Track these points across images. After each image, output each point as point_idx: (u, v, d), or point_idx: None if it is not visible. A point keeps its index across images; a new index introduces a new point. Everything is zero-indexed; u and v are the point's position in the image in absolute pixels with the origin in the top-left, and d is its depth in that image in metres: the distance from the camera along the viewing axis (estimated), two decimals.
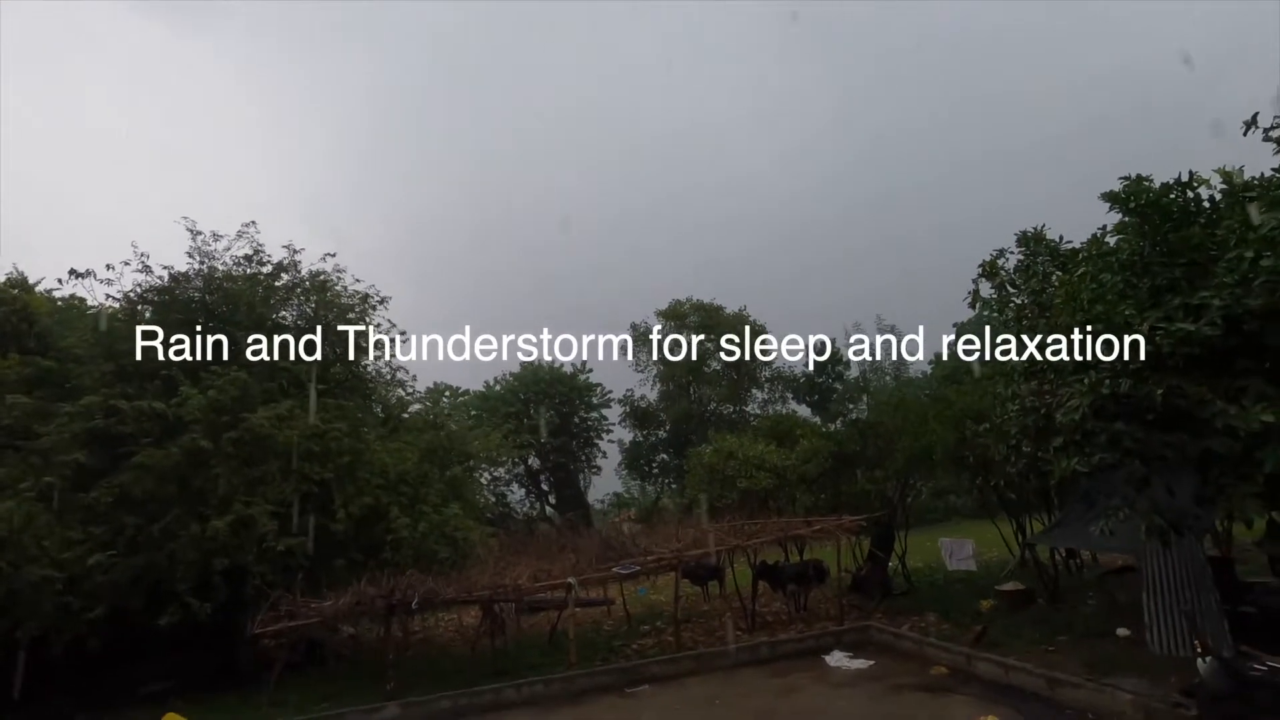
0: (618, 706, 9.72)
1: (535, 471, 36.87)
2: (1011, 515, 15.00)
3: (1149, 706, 6.68)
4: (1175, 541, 8.66)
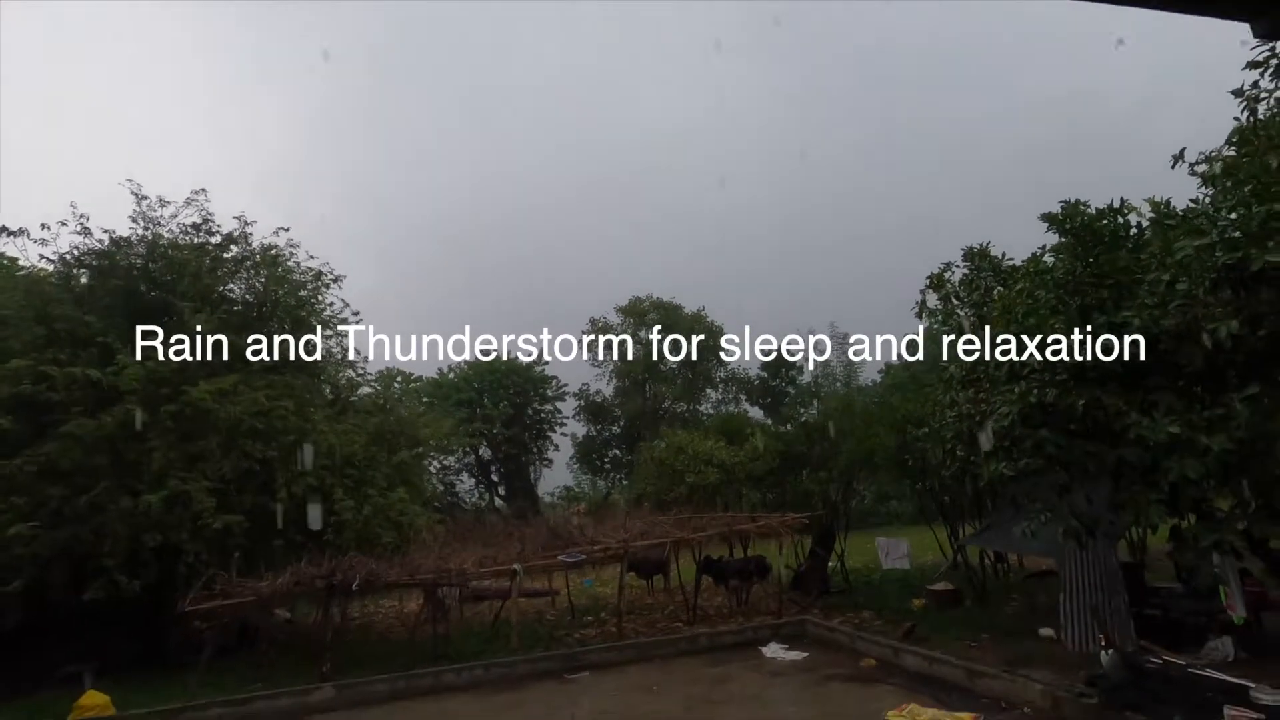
0: (557, 691, 9.81)
1: (486, 462, 36.58)
2: (946, 520, 15.66)
3: (1056, 695, 7.13)
4: (1090, 545, 9.24)
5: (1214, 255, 6.51)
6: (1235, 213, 6.84)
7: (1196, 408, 6.87)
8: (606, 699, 9.36)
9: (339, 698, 9.81)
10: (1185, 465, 6.65)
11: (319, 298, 15.49)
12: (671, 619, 14.26)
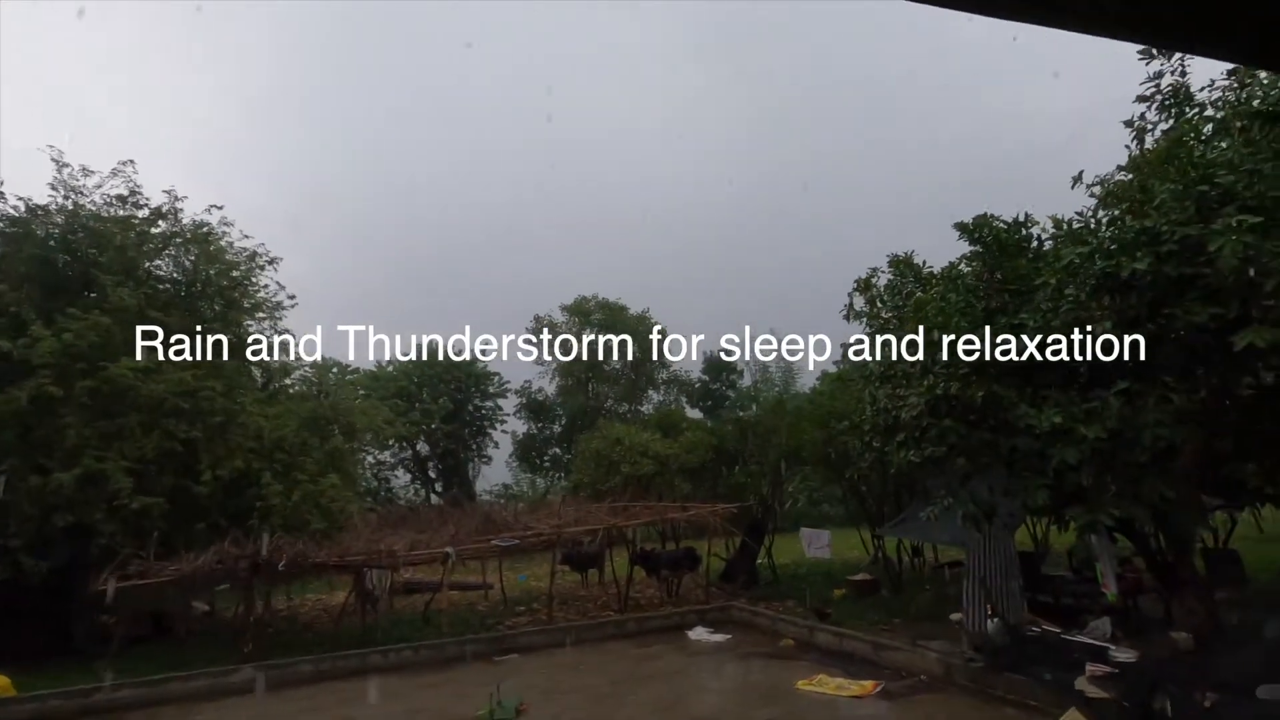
0: (485, 671, 9.93)
1: (423, 458, 35.97)
2: (869, 518, 16.46)
3: (949, 663, 7.75)
4: (990, 534, 10.00)
5: (1094, 263, 7.23)
6: (1113, 227, 7.61)
7: (1077, 400, 7.58)
8: (534, 677, 9.56)
9: (261, 678, 9.67)
10: (1066, 452, 7.34)
11: (252, 279, 15.13)
12: (604, 608, 14.53)
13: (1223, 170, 7.15)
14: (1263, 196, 6.92)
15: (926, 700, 7.41)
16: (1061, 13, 1.15)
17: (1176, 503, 7.53)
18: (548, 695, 8.69)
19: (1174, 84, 10.02)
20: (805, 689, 8.05)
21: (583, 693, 8.70)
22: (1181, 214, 6.95)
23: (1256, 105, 7.67)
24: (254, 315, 15.28)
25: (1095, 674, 6.39)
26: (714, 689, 8.67)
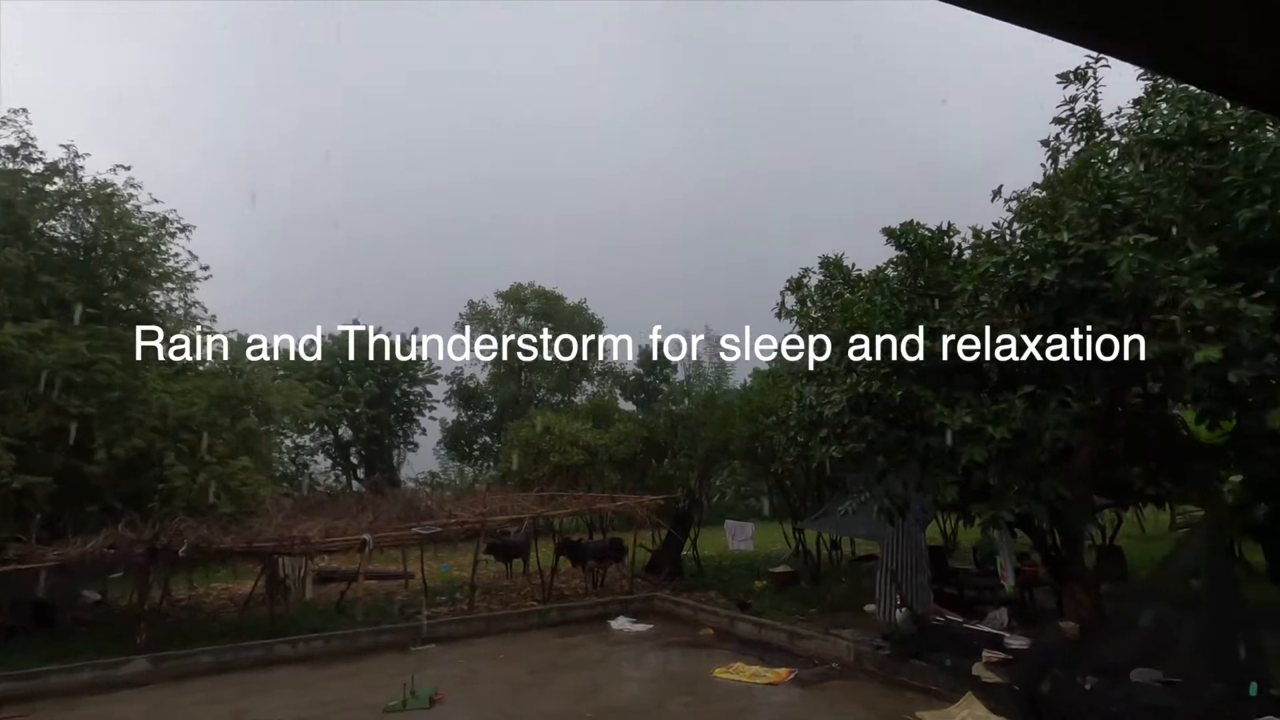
0: (400, 661, 9.67)
1: (345, 443, 34.69)
2: (792, 512, 16.92)
3: (859, 650, 8.06)
4: (903, 528, 10.44)
5: (1008, 272, 7.62)
6: (1026, 240, 8.04)
7: (987, 402, 7.99)
8: (451, 666, 9.38)
9: (155, 670, 9.11)
10: (975, 451, 7.73)
11: (161, 247, 14.16)
12: (527, 598, 14.39)
13: (1124, 192, 7.67)
14: (1158, 219, 7.45)
15: (836, 686, 7.68)
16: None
17: (1071, 501, 8.05)
18: (465, 685, 8.54)
19: (1086, 109, 10.67)
20: (722, 677, 8.21)
21: (501, 682, 8.59)
22: (1087, 230, 7.40)
23: (1156, 134, 8.23)
24: (162, 285, 14.32)
25: (991, 660, 6.78)
26: (633, 677, 8.72)
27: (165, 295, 14.74)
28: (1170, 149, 7.90)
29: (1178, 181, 7.62)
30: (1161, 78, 8.81)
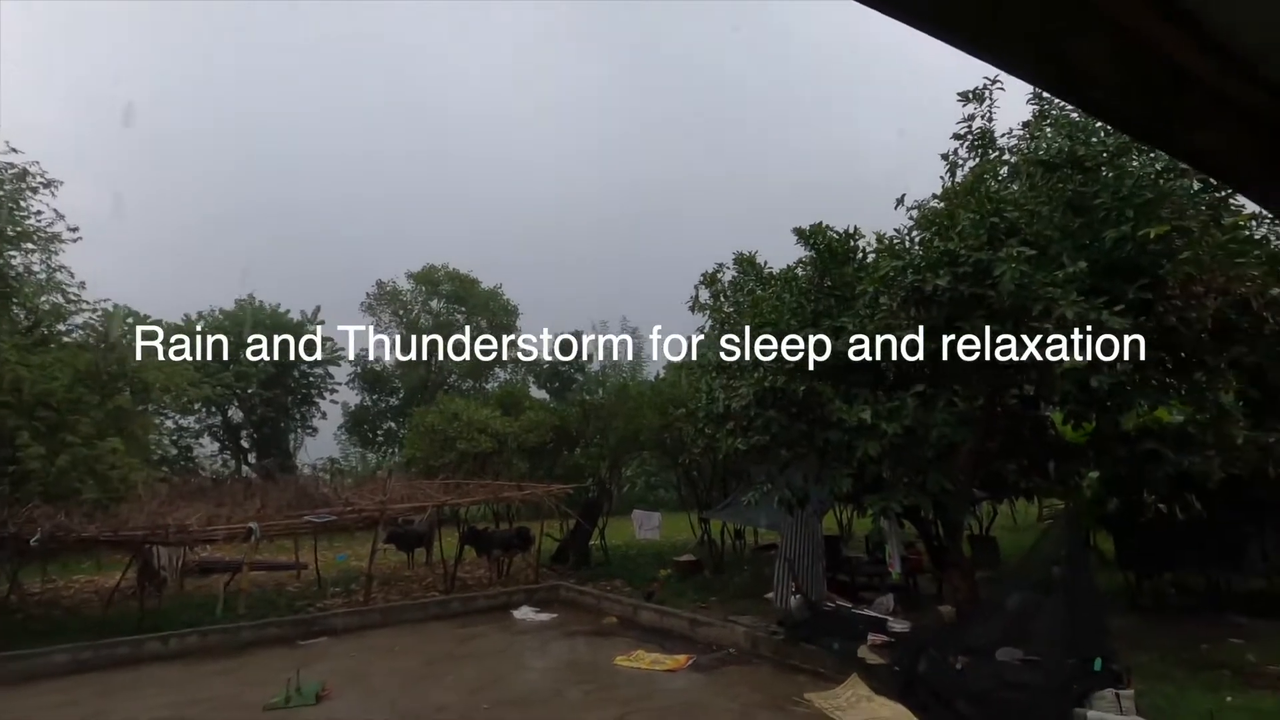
0: (285, 656, 9.17)
1: (236, 425, 32.52)
2: (699, 502, 17.26)
3: (755, 635, 8.33)
4: (801, 518, 10.84)
5: (906, 276, 8.02)
6: (924, 246, 8.49)
7: (883, 399, 8.39)
8: (341, 660, 8.98)
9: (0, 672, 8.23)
10: (869, 446, 8.11)
11: (20, 202, 12.73)
12: (429, 589, 13.99)
13: (1010, 207, 8.22)
14: (1039, 234, 8.03)
15: (732, 671, 7.90)
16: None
17: (953, 494, 8.61)
18: (356, 679, 8.20)
19: (982, 128, 11.37)
20: (622, 664, 8.27)
21: (395, 675, 8.30)
22: (976, 241, 7.89)
23: (1041, 155, 8.86)
24: (20, 246, 12.88)
25: (875, 643, 7.17)
26: (533, 667, 8.64)
27: (24, 257, 13.27)
28: (1052, 170, 8.52)
29: (1057, 201, 8.24)
30: (1046, 102, 9.48)
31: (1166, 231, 7.26)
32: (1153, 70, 1.69)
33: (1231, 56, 1.87)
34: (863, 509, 9.12)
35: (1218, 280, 7.27)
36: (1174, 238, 7.39)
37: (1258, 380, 8.86)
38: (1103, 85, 1.54)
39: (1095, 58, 1.50)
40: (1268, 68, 1.96)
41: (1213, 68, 1.82)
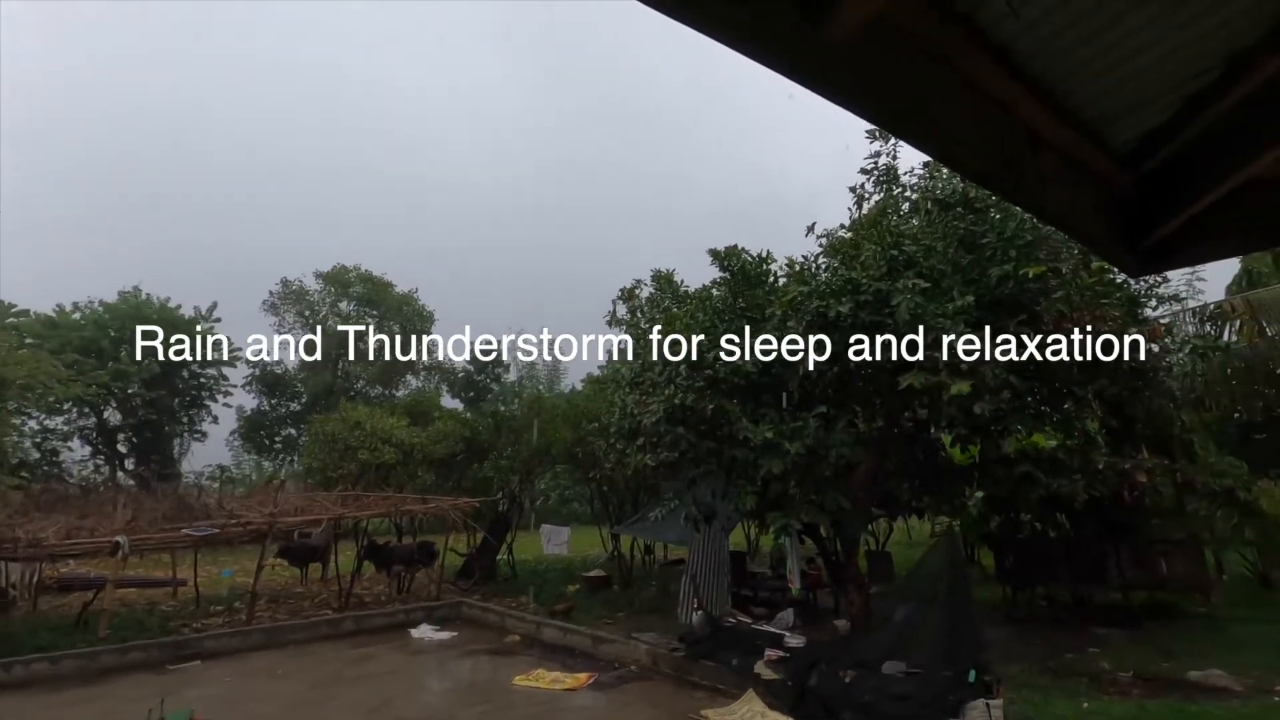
0: (151, 683, 8.40)
1: (112, 428, 29.81)
2: (610, 517, 17.23)
3: (656, 653, 8.35)
4: (708, 535, 11.00)
5: (811, 301, 8.35)
6: (829, 273, 8.87)
7: (787, 419, 8.66)
8: (216, 685, 8.33)
9: None
10: (773, 464, 8.33)
11: None
12: (322, 606, 13.23)
13: (909, 242, 8.72)
14: (933, 268, 8.55)
15: (632, 689, 7.87)
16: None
17: (850, 511, 8.97)
18: (231, 705, 7.61)
19: (887, 164, 12.04)
20: (521, 684, 8.08)
21: (275, 700, 7.77)
22: (877, 271, 8.31)
23: (938, 194, 9.47)
24: None
25: (771, 659, 7.33)
26: (428, 688, 8.30)
27: None
28: (947, 209, 9.12)
29: (950, 238, 8.81)
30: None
31: (1043, 272, 7.90)
32: (1008, 131, 1.83)
33: (1080, 123, 2.06)
34: (766, 525, 9.32)
35: (1085, 318, 7.97)
36: (1049, 278, 8.06)
37: (1117, 411, 9.75)
38: (963, 143, 1.65)
39: (955, 118, 1.60)
40: (1112, 135, 2.17)
41: (1062, 132, 1.99)
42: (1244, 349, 11.96)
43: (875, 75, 1.33)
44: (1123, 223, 2.28)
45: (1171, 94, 1.91)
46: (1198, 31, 1.69)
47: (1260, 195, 2.22)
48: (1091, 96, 1.89)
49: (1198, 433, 10.69)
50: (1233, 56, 1.78)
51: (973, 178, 1.80)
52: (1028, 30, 1.56)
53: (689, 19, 1.20)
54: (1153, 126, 2.06)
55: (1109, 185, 2.23)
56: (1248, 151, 1.97)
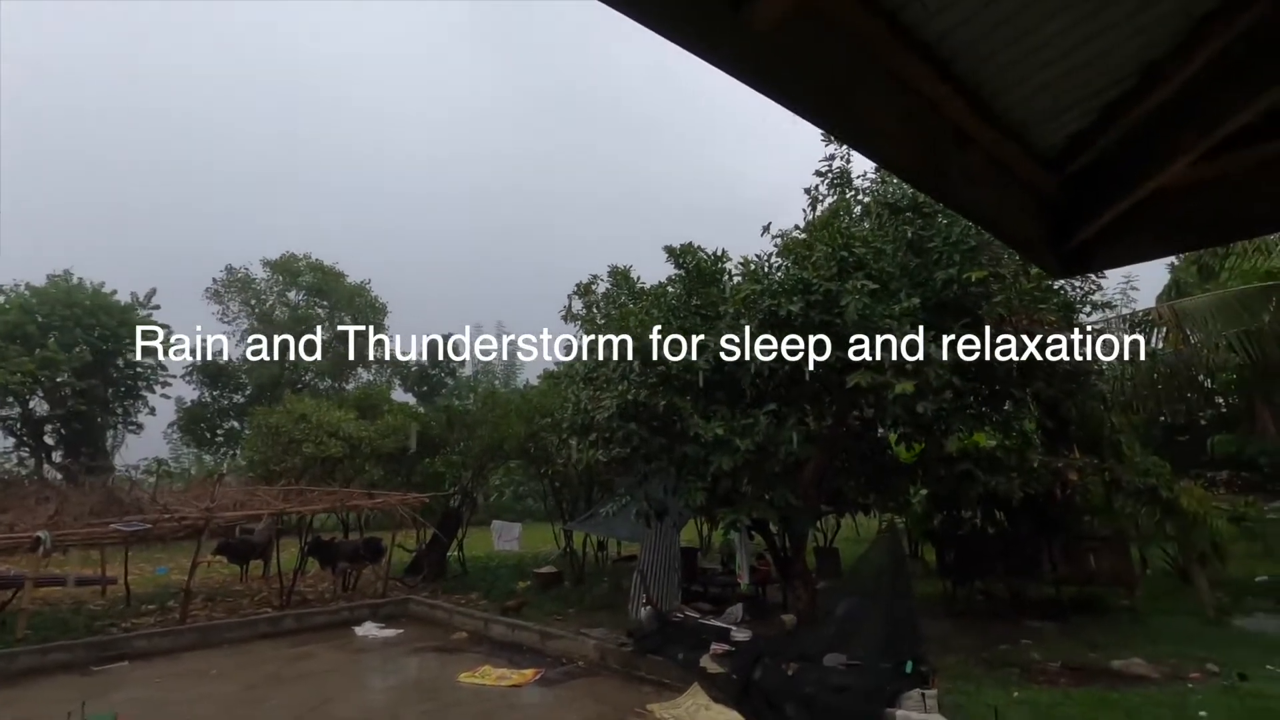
0: (73, 685, 8.00)
1: (39, 419, 28.30)
2: (563, 513, 17.14)
3: (604, 648, 8.34)
4: (659, 530, 11.04)
5: (764, 300, 8.45)
6: (782, 273, 8.99)
7: (739, 416, 8.75)
8: (144, 687, 7.98)
9: None
10: (723, 460, 8.40)
11: None
12: (262, 604, 12.82)
13: (859, 244, 8.89)
14: (882, 270, 8.74)
15: (579, 684, 7.84)
16: None
17: (798, 508, 9.11)
18: (159, 708, 7.31)
19: (840, 168, 12.25)
20: (466, 681, 7.97)
21: (207, 701, 7.49)
22: (828, 271, 8.46)
23: (888, 198, 9.68)
24: None
25: (717, 652, 7.40)
26: (370, 687, 8.12)
27: None
28: (896, 213, 9.33)
29: (899, 241, 9.02)
30: None
31: (985, 276, 8.15)
32: (935, 130, 1.87)
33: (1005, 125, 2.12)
34: (716, 522, 9.41)
35: (1023, 322, 8.26)
36: (991, 282, 8.32)
37: (1052, 412, 10.14)
38: (890, 139, 1.68)
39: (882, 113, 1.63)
40: (1037, 139, 2.24)
41: (988, 134, 2.05)
42: (1169, 355, 12.59)
43: (800, 65, 1.34)
44: (1047, 225, 2.36)
45: (1092, 100, 1.98)
46: (1114, 39, 1.75)
47: (1172, 202, 2.32)
48: (1016, 100, 1.95)
49: (1126, 434, 11.20)
50: (1146, 66, 1.86)
51: (900, 174, 1.83)
52: (952, 31, 1.59)
53: (616, 3, 1.18)
54: (1076, 130, 2.14)
55: (1035, 188, 2.31)
56: (1160, 159, 2.06)
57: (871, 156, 1.61)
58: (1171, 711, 6.11)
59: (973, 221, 2.61)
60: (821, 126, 1.48)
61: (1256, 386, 14.11)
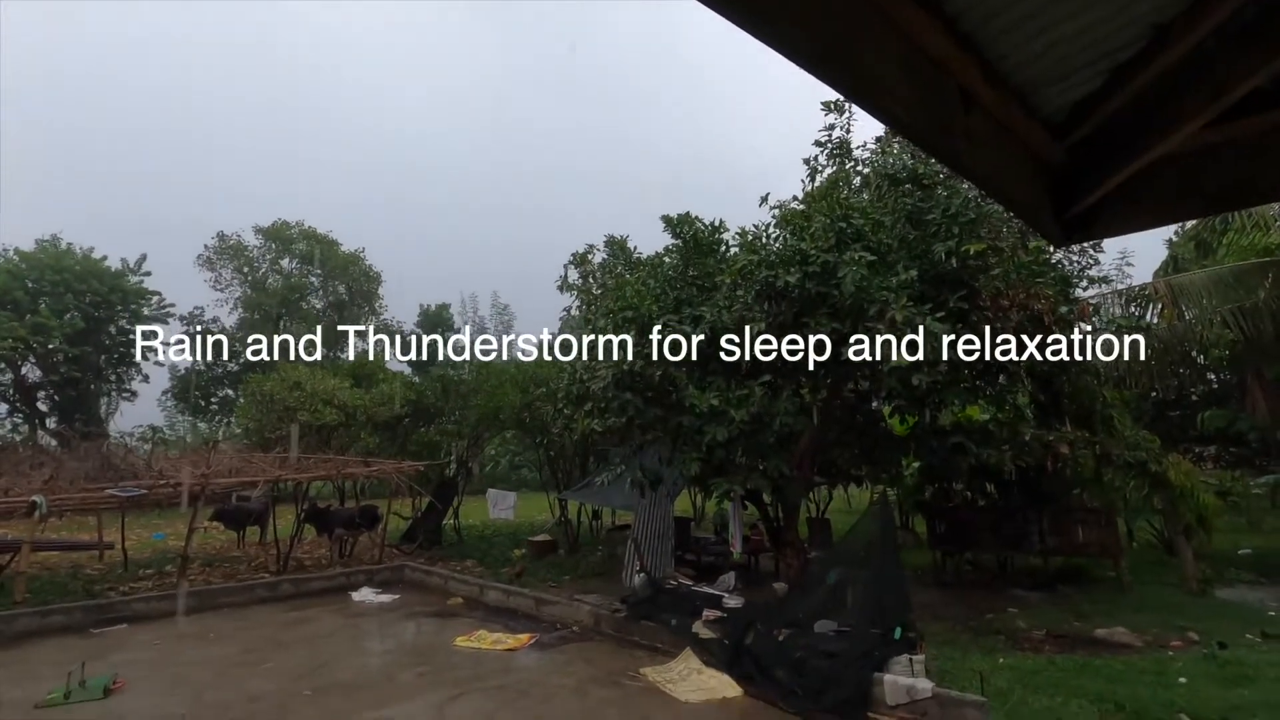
0: (72, 647, 8.10)
1: (32, 385, 28.21)
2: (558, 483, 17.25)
3: (598, 614, 8.46)
4: (654, 500, 11.12)
5: (760, 271, 8.40)
6: (779, 244, 8.92)
7: (734, 387, 8.76)
8: (143, 649, 8.09)
9: None
10: (718, 431, 8.44)
11: None
12: (260, 570, 12.94)
13: (858, 215, 8.82)
14: (880, 242, 8.69)
15: (573, 649, 7.98)
16: None
17: (791, 479, 9.18)
18: (157, 668, 7.41)
19: (840, 138, 12.09)
20: (462, 645, 8.10)
21: (205, 664, 7.59)
22: (826, 243, 8.40)
23: (888, 170, 9.58)
24: None
25: (709, 619, 7.52)
26: (367, 650, 8.23)
27: None
28: (896, 184, 9.24)
29: (898, 213, 8.95)
30: None
31: (983, 249, 8.11)
32: (941, 89, 1.82)
33: (1012, 87, 2.08)
34: (710, 491, 9.48)
35: (1020, 296, 8.24)
36: (989, 255, 8.28)
37: (1046, 386, 10.20)
38: (895, 96, 1.64)
39: (887, 68, 1.59)
40: (1044, 102, 2.20)
41: (994, 95, 2.00)
42: (1164, 330, 12.63)
43: (800, 10, 1.30)
44: (1050, 191, 2.33)
45: (1101, 61, 1.94)
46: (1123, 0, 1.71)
47: (1178, 169, 2.30)
48: (1023, 60, 1.91)
49: (1118, 408, 11.26)
50: (1155, 28, 1.81)
51: (902, 131, 1.79)
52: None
53: None
54: (1082, 95, 2.10)
55: (1039, 153, 2.27)
56: (1167, 124, 2.03)
57: (873, 112, 1.57)
58: (1152, 678, 6.25)
59: (975, 184, 2.57)
60: (822, 78, 1.43)
61: (1249, 362, 14.18)
